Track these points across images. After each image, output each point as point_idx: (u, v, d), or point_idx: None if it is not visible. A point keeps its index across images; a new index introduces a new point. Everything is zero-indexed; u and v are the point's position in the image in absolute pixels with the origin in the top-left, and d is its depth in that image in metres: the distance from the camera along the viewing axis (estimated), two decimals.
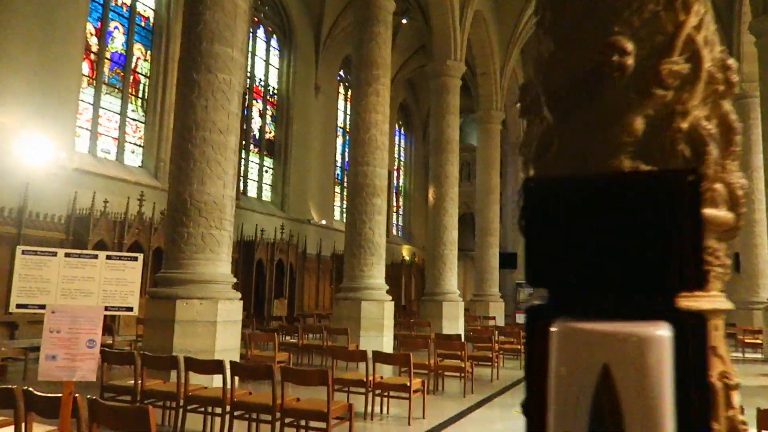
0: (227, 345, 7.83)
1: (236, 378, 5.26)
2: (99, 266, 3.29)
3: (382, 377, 6.72)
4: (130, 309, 3.47)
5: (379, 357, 6.62)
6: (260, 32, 19.32)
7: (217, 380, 5.97)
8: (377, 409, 6.69)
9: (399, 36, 23.64)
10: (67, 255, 3.27)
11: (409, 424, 6.26)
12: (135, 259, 3.40)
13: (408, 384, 6.34)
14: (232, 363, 5.25)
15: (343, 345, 10.82)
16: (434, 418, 6.58)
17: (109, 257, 3.32)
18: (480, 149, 23.36)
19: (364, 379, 6.47)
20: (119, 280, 3.42)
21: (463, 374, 8.30)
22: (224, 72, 8.28)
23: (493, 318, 19.96)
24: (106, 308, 3.36)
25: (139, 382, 5.55)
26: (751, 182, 19.44)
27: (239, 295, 8.31)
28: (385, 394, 6.67)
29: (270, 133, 19.80)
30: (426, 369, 8.23)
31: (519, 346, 11.69)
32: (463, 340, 9.78)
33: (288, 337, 12.96)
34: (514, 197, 27.42)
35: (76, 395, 3.18)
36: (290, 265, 18.56)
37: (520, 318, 23.10)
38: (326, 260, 20.96)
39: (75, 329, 3.13)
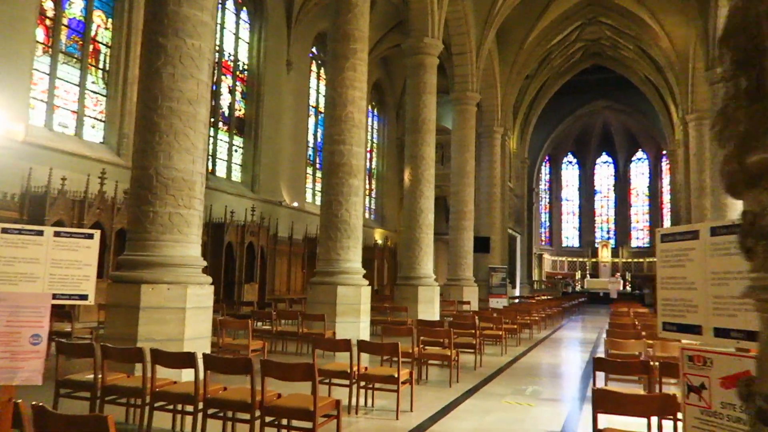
0: (198, 333, 7.25)
1: (209, 371, 4.71)
2: (45, 245, 2.71)
3: (366, 368, 6.26)
4: (85, 297, 2.90)
5: (365, 346, 6.15)
6: (229, 3, 18.41)
7: (187, 373, 5.42)
8: (362, 401, 6.23)
9: (373, 12, 22.92)
10: (3, 231, 2.67)
11: (397, 418, 5.83)
12: (90, 236, 2.83)
13: (396, 375, 5.90)
14: (205, 356, 4.70)
15: (319, 331, 10.34)
16: (423, 411, 6.17)
17: (57, 234, 2.75)
18: (455, 131, 22.96)
19: (348, 370, 6.00)
20: (72, 263, 2.85)
21: (447, 362, 7.91)
22: (194, 37, 7.59)
23: (468, 302, 19.73)
24: (55, 296, 2.78)
25: (100, 376, 4.96)
26: None
27: (210, 279, 7.72)
28: (370, 386, 6.21)
29: (240, 110, 18.98)
30: (409, 357, 7.80)
31: (500, 332, 11.39)
32: (446, 326, 9.39)
33: (260, 323, 12.40)
34: (488, 180, 27.15)
35: (18, 401, 2.62)
36: (261, 248, 17.91)
37: (494, 302, 22.95)
38: (298, 243, 20.36)
39: (15, 322, 2.56)
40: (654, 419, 4.00)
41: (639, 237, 48.30)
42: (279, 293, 19.18)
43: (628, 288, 40.54)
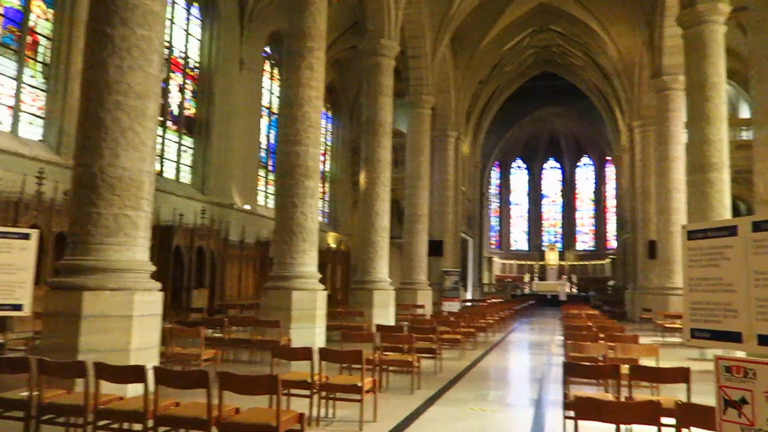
0: (145, 342, 6.80)
1: (159, 386, 4.34)
2: None
3: (327, 377, 5.98)
4: (19, 308, 2.53)
5: (328, 354, 5.87)
6: None
7: (134, 388, 5.01)
8: (323, 412, 5.95)
9: (327, 13, 22.67)
10: None
11: (360, 430, 5.57)
12: (26, 236, 2.46)
13: (359, 384, 5.64)
14: (156, 369, 4.31)
15: (274, 338, 9.97)
16: (387, 420, 5.93)
17: None
18: (410, 134, 22.92)
19: (309, 380, 5.71)
20: (4, 267, 2.47)
21: (409, 369, 7.70)
22: (143, 27, 7.14)
23: (423, 306, 19.66)
24: None
25: (36, 393, 4.50)
26: (668, 173, 20.20)
27: (159, 285, 7.27)
28: (332, 396, 5.94)
29: (190, 109, 18.31)
30: (370, 364, 7.56)
31: (458, 336, 11.29)
32: (406, 331, 9.20)
33: (211, 331, 11.89)
34: (442, 184, 27.22)
35: None
36: (211, 252, 17.30)
37: (447, 306, 22.98)
38: (250, 247, 19.81)
39: None
40: (636, 427, 3.90)
41: (584, 240, 49.56)
42: (230, 299, 18.58)
43: (575, 290, 41.48)
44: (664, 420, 3.39)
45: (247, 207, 19.79)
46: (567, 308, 20.28)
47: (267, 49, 21.92)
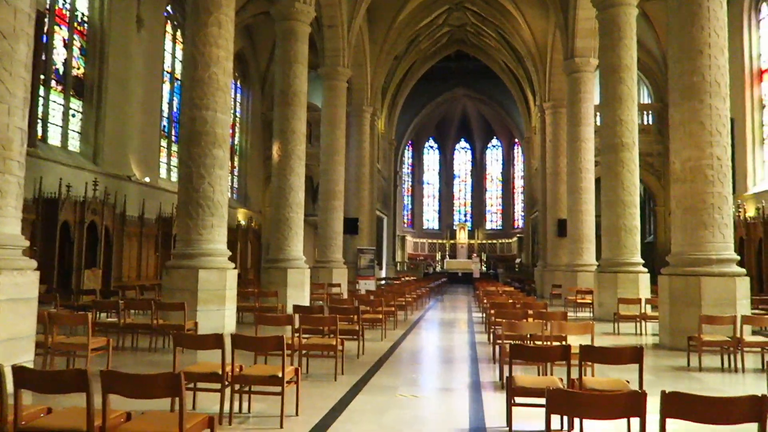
0: (16, 332, 5.66)
1: (22, 390, 3.37)
2: None
3: (241, 367, 5.17)
4: None
5: (242, 341, 5.04)
6: None
7: None
8: (236, 407, 5.13)
9: None
10: None
11: (281, 426, 4.83)
12: None
13: (279, 374, 4.89)
14: (17, 370, 3.33)
15: (178, 322, 8.94)
16: (310, 414, 5.22)
17: None
18: (325, 107, 21.99)
19: (220, 372, 4.88)
20: None
21: (331, 353, 7.02)
22: None
23: (338, 285, 19.00)
24: None
25: None
26: (579, 153, 20.64)
27: (34, 263, 6.10)
28: (246, 389, 5.13)
29: (78, 69, 16.32)
30: (288, 349, 6.79)
31: (380, 316, 10.74)
32: (327, 312, 8.49)
33: (105, 315, 10.60)
34: (357, 160, 26.53)
35: None
36: (105, 228, 15.65)
37: (363, 284, 22.49)
38: (151, 224, 18.21)
39: None
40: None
41: (493, 220, 50.88)
42: (128, 280, 17.01)
43: (484, 268, 42.45)
44: None
45: (147, 180, 18.13)
46: (482, 285, 20.39)
47: (168, 8, 20.06)
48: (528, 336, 7.56)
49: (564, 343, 7.18)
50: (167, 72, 20.16)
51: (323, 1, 21.16)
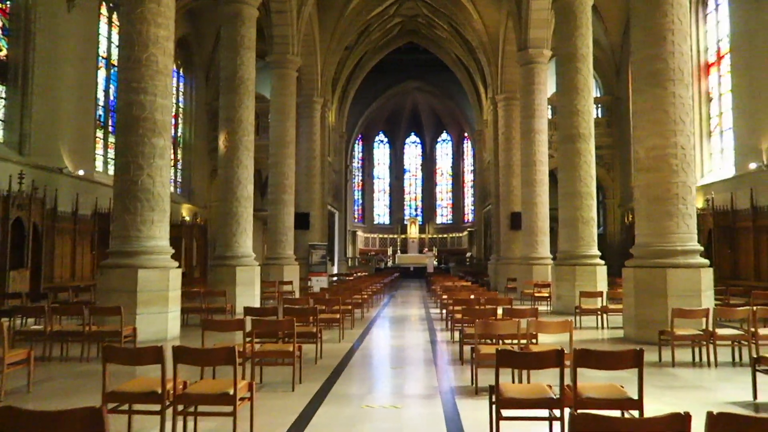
0: None
1: None
2: None
3: (185, 384, 4.43)
4: None
5: (185, 355, 4.29)
6: None
7: None
8: (180, 429, 4.40)
9: None
10: None
11: None
12: None
13: (231, 392, 4.19)
14: None
15: (113, 328, 8.04)
16: None
17: None
18: (274, 96, 21.07)
19: (159, 390, 4.14)
20: None
21: (288, 360, 6.34)
22: None
23: (290, 282, 18.20)
24: None
25: None
26: (533, 145, 20.50)
27: None
28: (191, 409, 4.40)
29: (0, 50, 14.89)
30: (240, 358, 6.08)
31: (337, 315, 10.09)
32: (281, 316, 7.78)
33: (32, 322, 9.54)
34: (308, 153, 25.69)
35: None
36: (34, 225, 14.36)
37: (315, 281, 21.74)
38: (86, 220, 16.93)
39: None
40: None
41: (443, 214, 50.88)
42: (61, 281, 15.74)
43: (435, 262, 42.33)
44: None
45: (81, 172, 16.80)
46: (437, 280, 20.00)
47: None
48: (498, 336, 7.09)
49: (534, 341, 6.76)
50: (103, 57, 18.77)
51: None
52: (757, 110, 16.07)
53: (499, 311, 7.83)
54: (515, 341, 6.90)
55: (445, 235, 48.74)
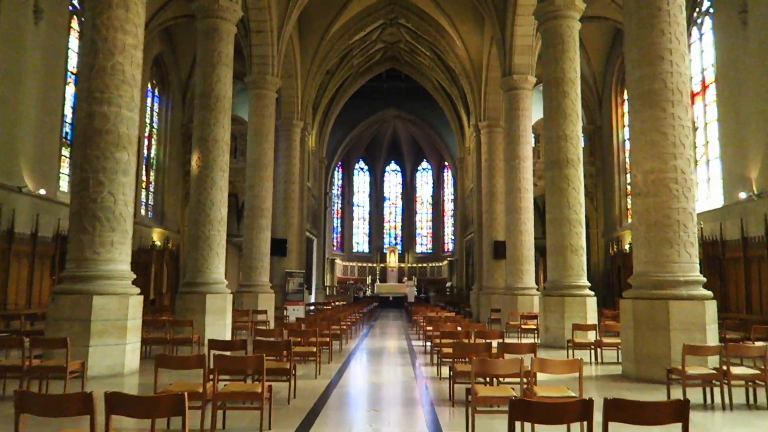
0: None
1: None
2: None
3: None
4: None
5: (120, 403, 3.44)
6: None
7: None
8: None
9: None
10: None
11: None
12: None
13: None
14: None
15: (58, 363, 7.09)
16: None
17: None
18: (252, 117, 20.36)
19: None
20: None
21: (256, 402, 5.47)
22: None
23: (265, 311, 17.24)
24: None
25: None
26: (518, 172, 20.04)
27: None
28: None
29: None
30: (199, 400, 5.21)
31: (314, 348, 9.22)
32: (251, 350, 6.92)
33: None
34: (286, 177, 24.94)
35: None
36: None
37: (291, 310, 20.77)
38: (46, 242, 15.85)
39: None
40: None
41: (423, 243, 50.29)
42: (16, 308, 14.58)
43: (415, 291, 41.54)
44: None
45: (43, 192, 15.77)
46: (421, 310, 19.19)
47: (74, 1, 17.93)
48: (496, 375, 6.32)
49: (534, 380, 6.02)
50: (72, 73, 17.90)
51: (251, 4, 19.71)
52: (745, 139, 15.81)
53: (494, 345, 7.07)
54: (514, 381, 6.16)
55: (424, 264, 48.07)
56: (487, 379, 6.97)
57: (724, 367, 6.90)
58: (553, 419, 3.31)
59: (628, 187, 25.51)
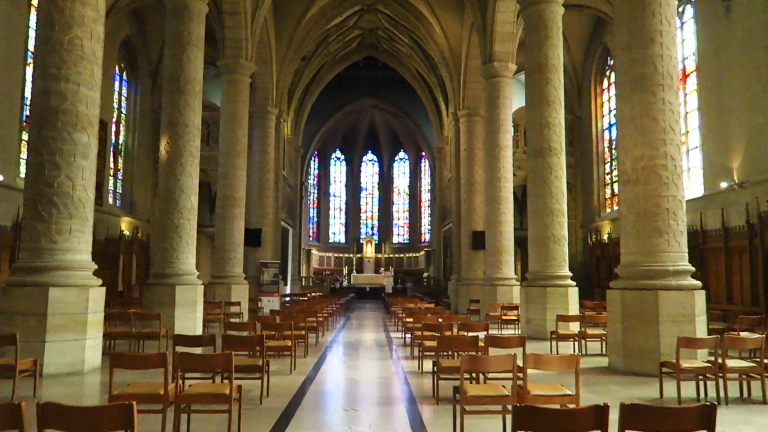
0: None
1: None
2: None
3: None
4: None
5: (56, 415, 2.90)
6: None
7: None
8: None
9: None
10: None
11: None
12: None
13: None
14: None
15: (7, 362, 6.48)
16: None
17: None
18: (225, 103, 19.62)
19: None
20: None
21: (225, 404, 4.97)
22: None
23: (238, 303, 16.64)
24: None
25: None
26: (498, 161, 19.68)
27: None
28: None
29: None
30: (160, 402, 4.69)
31: (289, 343, 8.73)
32: (222, 348, 6.40)
33: None
34: (261, 165, 24.24)
35: None
36: None
37: (266, 302, 20.18)
38: (5, 232, 15.01)
39: None
40: None
41: (400, 233, 49.93)
42: None
43: (392, 282, 41.18)
44: None
45: (1, 178, 14.92)
46: (400, 302, 18.78)
47: None
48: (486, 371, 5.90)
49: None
50: (31, 53, 16.93)
51: None
52: (727, 129, 15.68)
53: (481, 337, 6.66)
54: (504, 377, 5.77)
55: (401, 255, 47.71)
56: (473, 375, 6.56)
57: (720, 360, 6.61)
58: (562, 428, 2.88)
59: (607, 177, 25.46)
